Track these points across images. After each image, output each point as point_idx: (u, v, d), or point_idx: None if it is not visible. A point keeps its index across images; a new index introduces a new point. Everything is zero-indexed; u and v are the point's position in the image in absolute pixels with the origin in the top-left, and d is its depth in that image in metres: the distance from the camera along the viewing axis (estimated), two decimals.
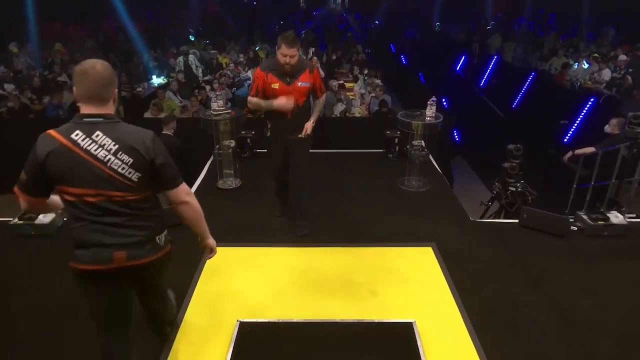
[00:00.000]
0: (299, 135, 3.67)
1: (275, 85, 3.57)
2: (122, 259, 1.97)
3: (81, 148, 1.88)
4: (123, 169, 1.92)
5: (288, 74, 3.55)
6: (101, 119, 1.92)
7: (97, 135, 1.89)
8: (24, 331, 2.89)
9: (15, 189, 1.96)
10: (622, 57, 10.14)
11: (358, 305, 3.15)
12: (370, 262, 3.65)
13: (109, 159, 1.90)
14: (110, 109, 1.98)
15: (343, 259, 3.67)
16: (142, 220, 2.03)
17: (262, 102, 3.64)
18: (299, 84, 3.61)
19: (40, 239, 3.92)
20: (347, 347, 2.76)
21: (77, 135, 1.88)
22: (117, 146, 1.90)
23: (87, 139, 1.89)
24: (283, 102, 3.55)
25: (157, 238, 2.11)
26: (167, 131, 5.41)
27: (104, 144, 1.90)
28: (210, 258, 2.41)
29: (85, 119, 1.92)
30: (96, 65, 1.91)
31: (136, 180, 1.95)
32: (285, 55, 3.44)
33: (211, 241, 2.35)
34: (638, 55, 10.60)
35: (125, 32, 14.21)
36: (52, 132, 1.90)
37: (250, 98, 3.71)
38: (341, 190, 5.02)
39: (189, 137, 5.65)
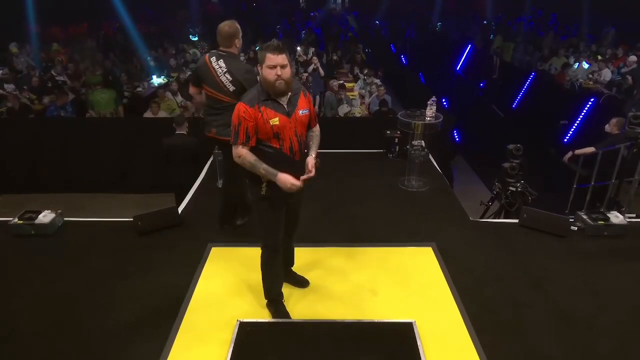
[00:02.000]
0: (302, 177, 2.60)
1: (275, 121, 2.57)
2: (214, 132, 3.60)
3: (212, 65, 3.48)
4: (226, 82, 3.45)
5: (283, 94, 2.60)
6: (225, 54, 3.50)
7: (220, 61, 3.47)
8: (24, 331, 2.89)
9: (190, 84, 3.82)
10: (633, 57, 10.10)
11: (358, 305, 3.15)
12: (370, 262, 3.65)
13: (221, 74, 3.45)
14: (232, 49, 3.51)
15: (343, 259, 3.68)
16: (226, 114, 3.36)
17: (262, 167, 2.60)
18: (300, 112, 2.67)
19: (40, 239, 3.93)
20: (347, 347, 2.76)
21: (212, 58, 3.50)
22: (227, 69, 3.45)
23: (216, 62, 3.47)
24: (290, 181, 2.57)
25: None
26: (182, 131, 5.33)
27: (222, 66, 3.46)
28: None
29: (219, 52, 3.51)
30: (224, 27, 3.46)
31: (232, 90, 3.45)
32: (274, 66, 2.50)
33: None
34: (639, 54, 10.61)
35: (125, 32, 14.21)
36: (205, 55, 3.58)
37: (239, 150, 2.62)
38: (341, 190, 5.02)
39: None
